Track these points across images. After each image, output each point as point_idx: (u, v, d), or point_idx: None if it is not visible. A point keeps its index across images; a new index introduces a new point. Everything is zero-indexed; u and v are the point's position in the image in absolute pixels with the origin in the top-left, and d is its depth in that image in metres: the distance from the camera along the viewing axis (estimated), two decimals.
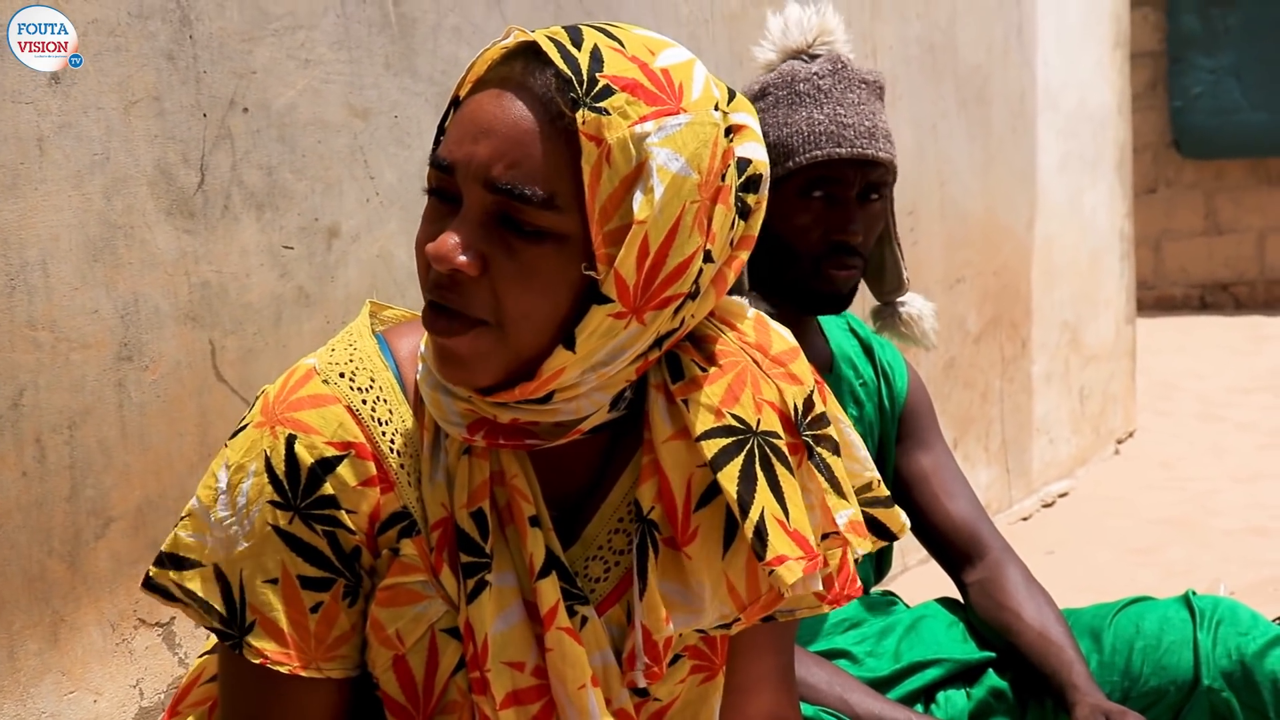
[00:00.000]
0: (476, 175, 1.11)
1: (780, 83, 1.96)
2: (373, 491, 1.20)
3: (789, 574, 1.19)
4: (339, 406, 1.21)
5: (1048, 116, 4.53)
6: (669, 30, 2.76)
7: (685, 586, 1.22)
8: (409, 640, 1.21)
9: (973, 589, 2.08)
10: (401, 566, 1.21)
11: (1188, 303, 8.46)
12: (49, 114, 1.78)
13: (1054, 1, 4.56)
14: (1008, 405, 4.32)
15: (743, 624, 1.27)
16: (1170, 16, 8.22)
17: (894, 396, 2.17)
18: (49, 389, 1.80)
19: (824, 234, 1.93)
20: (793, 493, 1.23)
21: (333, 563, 1.21)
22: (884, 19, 3.59)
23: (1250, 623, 2.00)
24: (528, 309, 1.12)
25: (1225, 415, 5.68)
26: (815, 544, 1.24)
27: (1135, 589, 3.42)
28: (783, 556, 1.20)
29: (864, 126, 1.91)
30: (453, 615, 1.21)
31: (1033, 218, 4.48)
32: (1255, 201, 8.30)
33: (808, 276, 1.95)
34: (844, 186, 1.92)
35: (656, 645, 1.22)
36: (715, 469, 1.20)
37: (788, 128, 1.92)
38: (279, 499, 1.19)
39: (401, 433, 1.22)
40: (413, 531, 1.21)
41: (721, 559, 1.22)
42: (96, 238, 1.84)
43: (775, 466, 1.23)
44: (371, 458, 1.20)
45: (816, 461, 1.27)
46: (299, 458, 1.19)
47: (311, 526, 1.19)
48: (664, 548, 1.22)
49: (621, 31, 1.15)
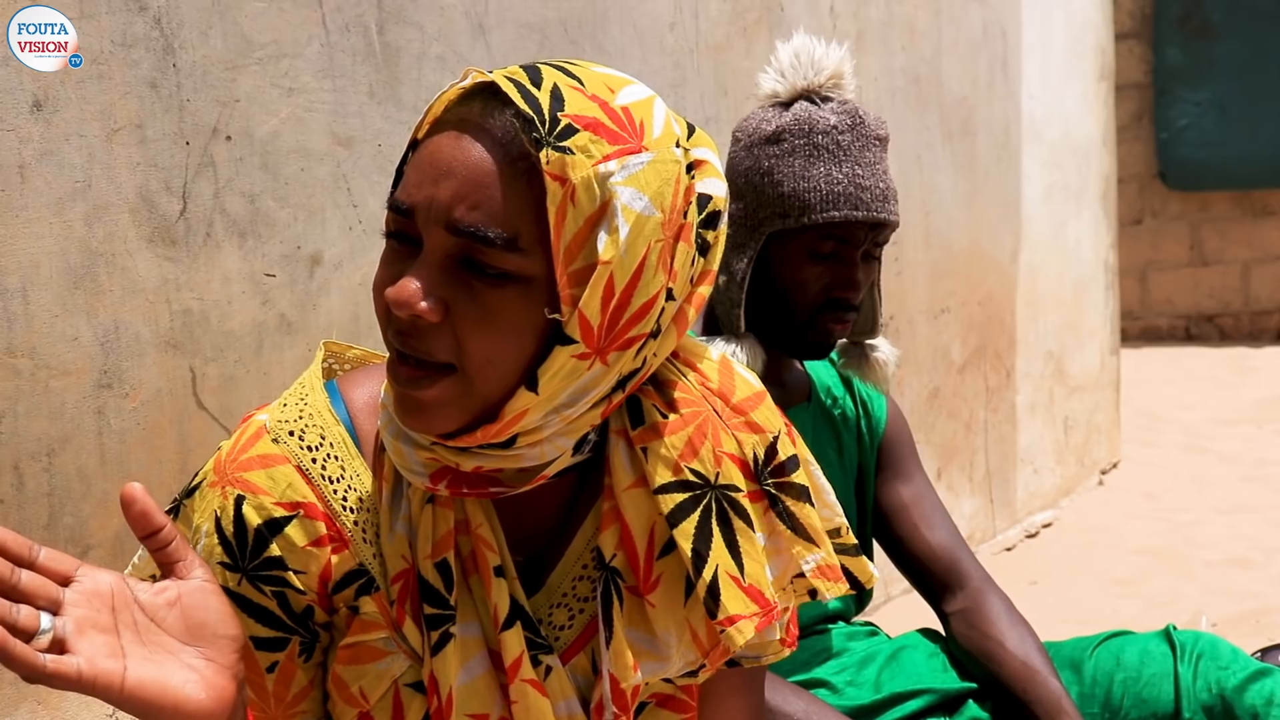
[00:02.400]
0: (438, 218, 1.09)
1: (797, 130, 1.95)
2: (322, 552, 1.19)
3: (739, 635, 1.20)
4: (288, 466, 1.19)
5: (1032, 148, 4.55)
6: (654, 60, 2.77)
7: (651, 634, 1.22)
8: (373, 697, 1.20)
9: (954, 619, 2.08)
10: (362, 624, 1.20)
11: (1173, 334, 8.48)
12: (30, 140, 1.78)
13: (1039, 34, 4.58)
14: (992, 435, 4.33)
15: (708, 671, 1.26)
16: (1155, 49, 8.27)
17: (873, 427, 2.17)
18: (28, 416, 1.80)
19: (825, 289, 1.94)
20: (749, 547, 1.23)
21: (285, 622, 1.20)
22: (869, 51, 3.61)
23: (1230, 657, 2.01)
24: (491, 353, 1.10)
25: (1209, 447, 5.69)
26: (773, 596, 1.24)
27: (1118, 620, 3.43)
28: (734, 616, 1.20)
29: (879, 189, 1.92)
30: (416, 670, 1.20)
31: (1017, 248, 4.49)
32: (1240, 233, 8.33)
33: (804, 327, 1.96)
34: (853, 246, 1.93)
35: (624, 694, 1.22)
36: (671, 524, 1.20)
37: (805, 181, 1.92)
38: (228, 560, 1.18)
39: (355, 489, 1.21)
40: (371, 589, 1.20)
41: (684, 606, 1.22)
42: (77, 265, 1.84)
43: (733, 520, 1.23)
44: (322, 517, 1.19)
45: (780, 510, 1.26)
46: (246, 519, 1.18)
47: (259, 588, 1.19)
48: (628, 595, 1.22)
49: (580, 70, 1.14)
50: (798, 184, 1.92)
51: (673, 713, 1.29)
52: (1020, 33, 4.45)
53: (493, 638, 1.20)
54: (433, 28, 2.34)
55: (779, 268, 1.95)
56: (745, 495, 1.25)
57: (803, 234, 1.93)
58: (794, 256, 1.94)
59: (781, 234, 1.94)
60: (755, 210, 1.96)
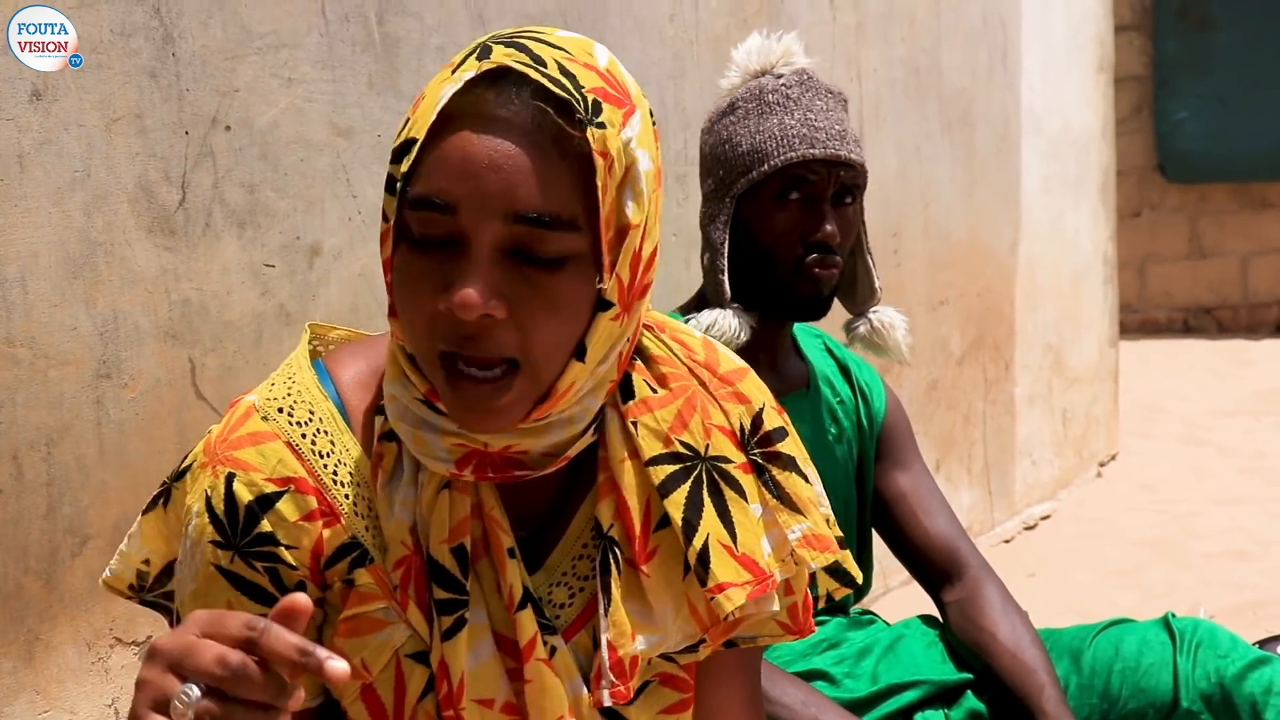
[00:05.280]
0: (493, 210, 1.07)
1: (748, 96, 2.00)
2: (314, 526, 1.19)
3: (728, 602, 1.21)
4: (278, 443, 1.19)
5: (1031, 140, 4.55)
6: (654, 51, 2.77)
7: (647, 606, 1.23)
8: (375, 668, 1.20)
9: (951, 609, 2.09)
10: (359, 596, 1.20)
11: (1171, 326, 8.47)
12: (30, 130, 1.78)
13: (1039, 26, 4.58)
14: (990, 427, 4.33)
15: (709, 646, 1.27)
16: (1155, 41, 8.26)
17: (872, 416, 2.17)
18: (27, 406, 1.80)
19: (802, 236, 1.96)
20: (743, 517, 1.25)
21: (276, 598, 1.18)
22: (869, 43, 3.61)
23: (1230, 645, 2.01)
24: (558, 338, 1.11)
25: (1207, 439, 5.69)
26: (768, 566, 1.25)
27: (1116, 611, 3.42)
28: (724, 584, 1.21)
29: (835, 130, 1.96)
30: (416, 640, 1.20)
31: (1016, 240, 4.49)
32: (1239, 226, 8.32)
33: (790, 278, 1.97)
34: (819, 187, 1.96)
35: (622, 663, 1.22)
36: (663, 495, 1.22)
37: (760, 134, 1.97)
38: (219, 538, 1.19)
39: (345, 463, 1.21)
40: (366, 561, 1.20)
41: (682, 580, 1.24)
42: (76, 254, 1.84)
43: (724, 491, 1.25)
44: (313, 491, 1.19)
45: (766, 480, 1.28)
46: (237, 496, 1.18)
47: (251, 564, 1.19)
48: (625, 567, 1.23)
49: (549, 37, 1.14)
50: (754, 139, 1.97)
51: (674, 691, 1.29)
52: (1020, 24, 4.44)
53: (501, 620, 1.20)
54: (432, 18, 2.34)
55: (754, 226, 1.99)
56: (737, 467, 1.26)
57: (767, 184, 1.97)
58: (764, 209, 1.98)
59: (749, 192, 1.98)
60: (723, 178, 2.01)
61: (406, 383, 1.18)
